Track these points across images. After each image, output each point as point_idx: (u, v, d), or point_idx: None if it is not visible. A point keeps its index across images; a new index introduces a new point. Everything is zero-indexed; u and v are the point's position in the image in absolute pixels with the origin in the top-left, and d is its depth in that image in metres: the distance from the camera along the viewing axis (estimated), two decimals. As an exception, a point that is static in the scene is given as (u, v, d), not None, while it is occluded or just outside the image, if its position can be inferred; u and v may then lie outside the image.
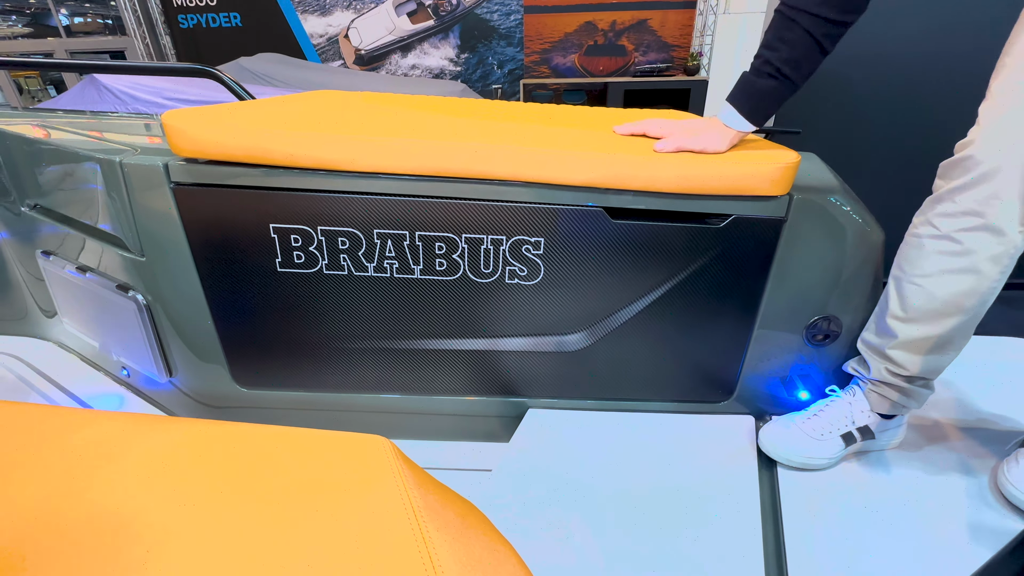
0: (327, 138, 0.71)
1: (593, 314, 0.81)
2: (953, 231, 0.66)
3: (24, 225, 1.03)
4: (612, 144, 0.73)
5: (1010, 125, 0.59)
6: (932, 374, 0.77)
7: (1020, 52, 0.61)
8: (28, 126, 0.89)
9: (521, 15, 7.75)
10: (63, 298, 1.05)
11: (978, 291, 0.67)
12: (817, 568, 0.63)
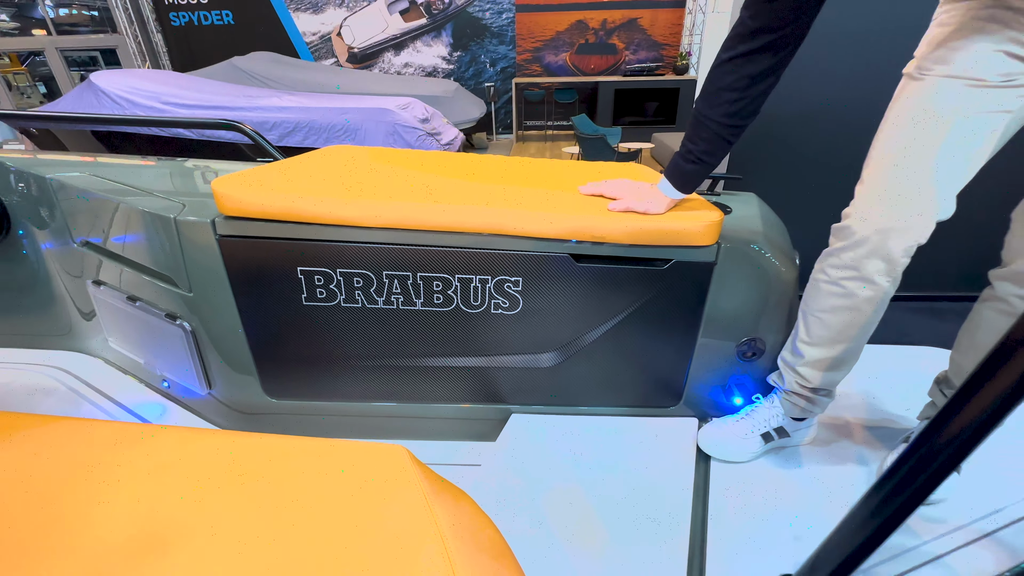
0: (344, 200, 0.86)
1: (563, 337, 0.98)
2: (839, 279, 0.83)
3: (75, 258, 1.18)
4: (576, 203, 0.89)
5: (873, 207, 0.76)
6: (831, 386, 0.94)
7: (880, 146, 0.77)
8: (86, 176, 1.03)
9: (513, 13, 7.81)
10: (110, 321, 1.20)
11: (859, 324, 0.84)
12: (732, 537, 0.81)
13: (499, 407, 1.03)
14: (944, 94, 0.67)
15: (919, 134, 0.70)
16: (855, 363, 0.86)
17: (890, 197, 0.73)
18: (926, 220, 0.71)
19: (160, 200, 0.92)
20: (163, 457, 0.51)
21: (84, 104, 4.67)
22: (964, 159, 0.69)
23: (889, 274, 0.76)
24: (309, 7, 7.97)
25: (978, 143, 0.67)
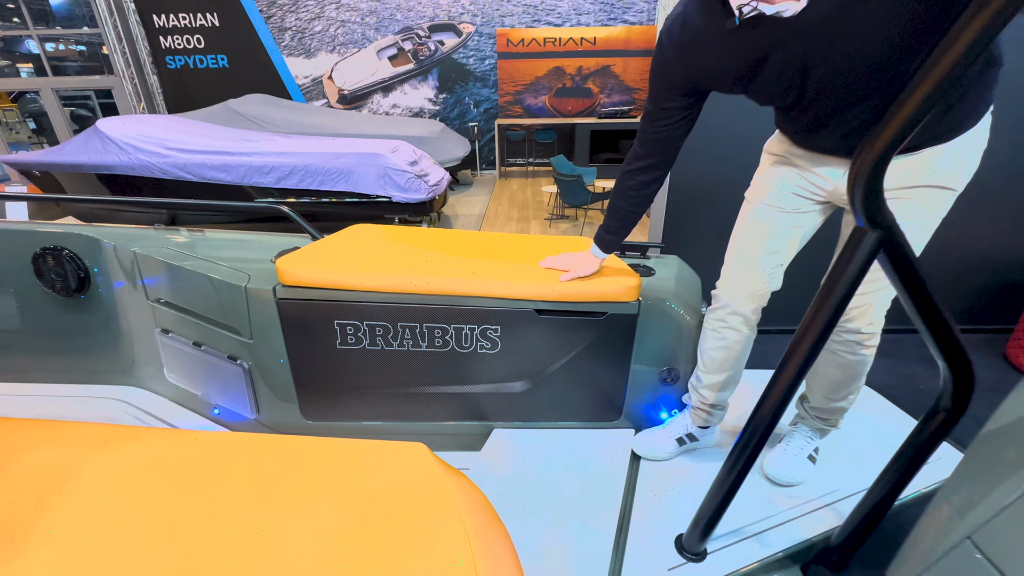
0: (368, 273, 1.19)
1: (531, 369, 1.30)
2: (716, 328, 1.18)
3: (148, 312, 1.46)
4: (537, 273, 1.23)
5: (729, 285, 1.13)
6: (722, 402, 1.26)
7: (731, 245, 1.13)
8: (168, 249, 1.33)
9: (495, 60, 8.38)
10: (173, 361, 1.48)
11: (733, 358, 1.18)
12: (650, 511, 1.11)
13: (483, 423, 1.34)
14: (761, 215, 1.03)
15: (749, 240, 1.06)
16: (736, 385, 1.20)
17: (738, 279, 1.09)
18: (762, 292, 1.07)
19: (230, 270, 1.23)
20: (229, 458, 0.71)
21: (90, 149, 4.92)
22: (777, 254, 1.05)
23: (747, 325, 1.11)
24: (302, 52, 8.41)
25: (784, 245, 1.04)
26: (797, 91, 0.82)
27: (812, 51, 0.75)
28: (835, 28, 0.71)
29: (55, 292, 1.44)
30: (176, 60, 8.47)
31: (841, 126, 0.85)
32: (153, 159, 4.84)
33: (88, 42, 8.86)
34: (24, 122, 9.82)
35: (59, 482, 0.67)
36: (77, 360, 1.55)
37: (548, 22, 8.14)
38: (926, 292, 0.70)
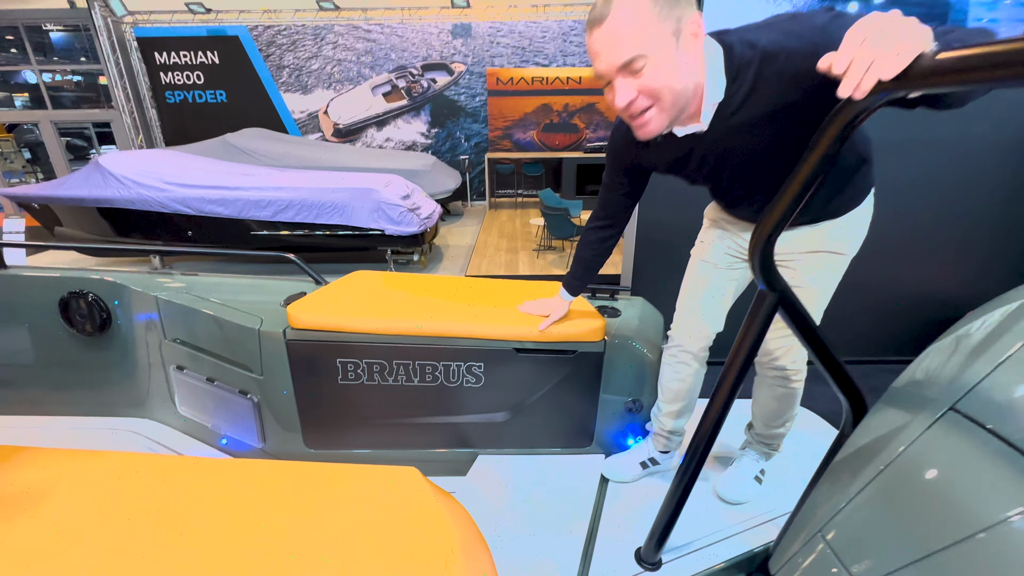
0: (367, 318, 1.35)
1: (511, 401, 1.45)
2: (671, 363, 1.35)
3: (165, 349, 1.60)
4: (516, 317, 1.40)
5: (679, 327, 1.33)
6: (679, 429, 1.42)
7: (680, 294, 1.32)
8: (188, 295, 1.48)
9: (486, 97, 8.77)
10: (185, 396, 1.61)
11: (687, 389, 1.35)
12: (616, 526, 1.25)
13: (469, 451, 1.48)
14: (701, 270, 1.23)
15: (693, 291, 1.26)
16: (691, 413, 1.36)
17: (686, 323, 1.29)
18: (706, 334, 1.26)
19: (244, 314, 1.39)
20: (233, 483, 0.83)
21: (91, 184, 5.07)
22: (717, 303, 1.25)
23: (696, 360, 1.29)
24: (299, 89, 8.72)
25: (721, 295, 1.24)
26: (715, 179, 1.03)
27: (720, 153, 0.95)
28: (732, 140, 0.91)
29: (78, 331, 1.58)
30: (175, 95, 8.71)
31: (753, 204, 1.06)
32: (153, 193, 5.00)
33: (85, 72, 9.09)
34: (19, 152, 9.94)
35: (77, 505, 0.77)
36: (93, 394, 1.68)
37: (536, 62, 8.55)
38: (818, 338, 0.88)
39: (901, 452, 0.59)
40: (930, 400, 0.60)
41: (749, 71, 0.83)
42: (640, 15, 0.77)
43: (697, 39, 0.81)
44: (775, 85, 0.82)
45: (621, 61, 0.79)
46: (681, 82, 0.82)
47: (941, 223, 2.22)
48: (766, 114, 0.86)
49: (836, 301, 1.13)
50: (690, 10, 0.80)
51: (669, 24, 0.78)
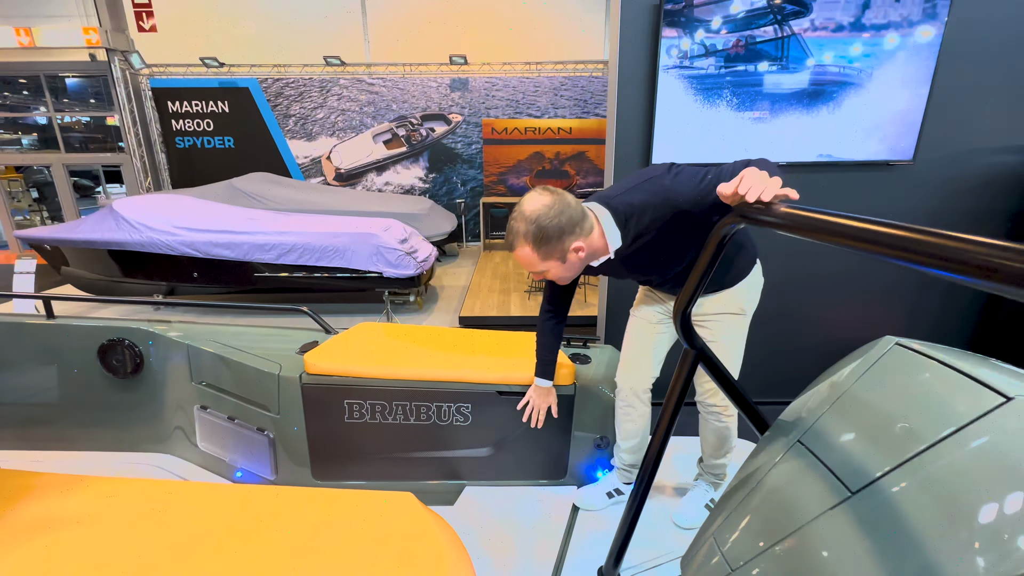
0: (372, 365, 1.57)
1: (494, 437, 1.65)
2: (621, 406, 1.54)
3: (191, 391, 1.80)
4: (500, 364, 1.63)
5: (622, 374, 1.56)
6: (637, 463, 1.62)
7: (624, 339, 1.56)
8: (214, 343, 1.70)
9: (481, 145, 9.26)
10: (206, 432, 1.80)
11: (638, 426, 1.56)
12: (583, 549, 1.43)
13: (457, 482, 1.67)
14: (637, 327, 1.49)
15: (631, 344, 1.51)
16: (645, 448, 1.58)
17: (628, 371, 1.53)
18: (646, 380, 1.50)
19: (265, 361, 1.61)
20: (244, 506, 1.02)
21: (104, 227, 5.33)
22: (652, 354, 1.49)
23: (641, 402, 1.52)
24: (303, 136, 9.17)
25: (654, 347, 1.49)
26: (634, 274, 1.37)
27: (625, 265, 1.29)
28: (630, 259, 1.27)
29: (114, 375, 1.78)
30: (185, 140, 9.12)
31: (655, 284, 1.42)
32: (163, 237, 5.25)
33: (95, 115, 9.51)
34: (27, 191, 10.24)
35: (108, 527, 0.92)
36: (119, 431, 1.86)
37: (529, 114, 9.10)
38: (730, 382, 1.12)
39: (767, 472, 0.82)
40: (789, 433, 0.83)
41: (633, 219, 1.21)
42: (530, 256, 1.18)
43: (580, 253, 1.20)
44: (650, 223, 1.21)
45: (531, 271, 1.22)
46: (569, 274, 1.25)
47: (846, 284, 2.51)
48: (647, 241, 1.23)
49: (764, 349, 1.38)
50: (572, 240, 1.17)
51: (553, 256, 1.18)
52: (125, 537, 0.92)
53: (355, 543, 0.92)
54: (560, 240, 1.14)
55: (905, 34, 2.14)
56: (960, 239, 0.52)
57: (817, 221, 0.71)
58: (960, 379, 0.67)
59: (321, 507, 1.04)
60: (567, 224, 1.13)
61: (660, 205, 1.18)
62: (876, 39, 2.15)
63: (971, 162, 2.35)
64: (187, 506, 1.00)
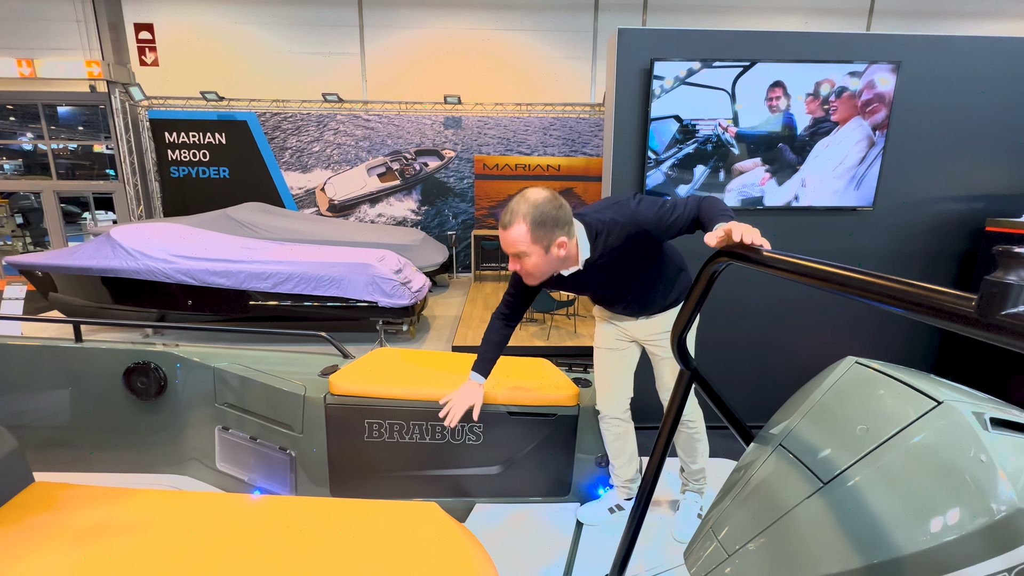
0: (392, 386, 1.69)
1: (504, 455, 1.77)
2: (605, 427, 1.66)
3: (214, 412, 1.88)
4: (510, 385, 1.76)
5: (599, 398, 1.66)
6: (633, 477, 1.75)
7: (594, 367, 1.72)
8: (240, 366, 1.79)
9: (473, 180, 9.59)
10: (227, 453, 1.87)
11: (625, 445, 1.70)
12: (588, 561, 1.53)
13: (468, 499, 1.77)
14: (601, 355, 1.66)
15: (600, 370, 1.67)
16: (637, 462, 1.71)
17: (602, 395, 1.68)
18: (620, 400, 1.65)
19: (291, 383, 1.72)
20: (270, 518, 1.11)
21: (101, 255, 5.36)
22: (621, 376, 1.65)
23: (622, 421, 1.66)
24: (299, 168, 9.36)
25: (620, 370, 1.65)
26: (592, 291, 1.54)
27: (589, 279, 1.45)
28: (596, 272, 1.43)
29: (138, 397, 1.86)
30: (180, 170, 9.22)
31: (614, 304, 1.58)
32: (160, 265, 5.30)
33: (86, 142, 9.58)
34: (12, 217, 10.15)
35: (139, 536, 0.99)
36: (138, 453, 1.92)
37: (519, 151, 9.47)
38: (721, 400, 1.27)
39: (755, 472, 0.97)
40: (773, 439, 0.99)
41: (603, 235, 1.39)
42: (522, 235, 1.30)
43: (563, 249, 1.34)
44: (616, 241, 1.39)
45: (512, 252, 1.34)
46: (545, 271, 1.37)
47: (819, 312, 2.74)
48: (612, 257, 1.41)
49: (745, 374, 1.54)
50: (561, 236, 1.31)
51: (541, 243, 1.31)
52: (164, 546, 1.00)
53: (388, 551, 1.02)
54: (552, 231, 1.30)
55: (863, 97, 2.44)
56: (900, 281, 0.69)
57: (791, 264, 0.89)
58: (904, 389, 0.84)
59: (351, 517, 1.13)
60: (561, 219, 1.30)
61: (627, 224, 1.37)
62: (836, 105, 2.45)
63: (923, 209, 2.63)
64: (218, 516, 1.08)
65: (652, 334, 1.60)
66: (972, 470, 0.70)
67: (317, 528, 1.06)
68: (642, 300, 1.56)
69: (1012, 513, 0.65)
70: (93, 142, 9.82)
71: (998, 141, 2.55)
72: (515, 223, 1.30)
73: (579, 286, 1.50)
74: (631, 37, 2.41)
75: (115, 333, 5.56)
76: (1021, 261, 0.49)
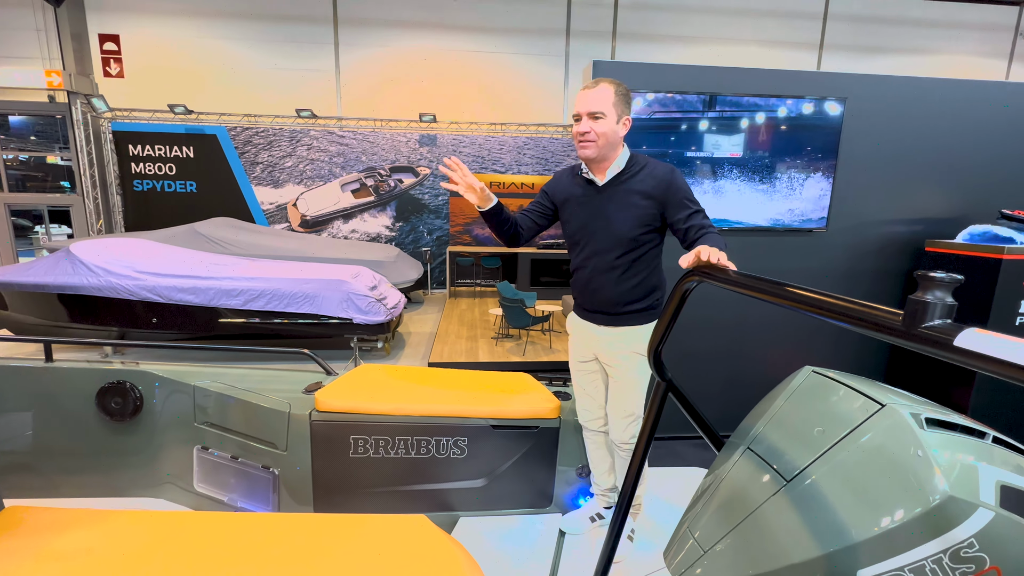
0: (377, 402, 1.71)
1: (488, 468, 1.81)
2: (587, 438, 1.81)
3: (192, 431, 1.85)
4: (493, 399, 1.81)
5: (578, 411, 1.73)
6: (612, 486, 1.83)
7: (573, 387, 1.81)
8: (221, 384, 1.78)
9: (448, 196, 9.67)
10: (206, 473, 1.83)
11: (604, 455, 1.78)
12: (572, 569, 1.58)
13: (453, 513, 1.80)
14: (575, 369, 1.72)
15: (578, 388, 1.73)
16: (614, 474, 1.78)
17: (581, 411, 1.74)
18: (598, 415, 1.72)
19: (273, 399, 1.72)
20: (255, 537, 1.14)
21: (59, 271, 5.14)
22: (593, 393, 1.71)
23: (600, 433, 1.73)
24: (270, 183, 9.23)
25: (592, 385, 1.71)
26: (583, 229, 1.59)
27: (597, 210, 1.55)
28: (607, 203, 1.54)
29: (112, 419, 1.82)
30: (144, 183, 8.95)
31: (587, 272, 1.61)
32: (124, 282, 5.12)
33: (33, 152, 9.19)
34: (-44, 230, 9.58)
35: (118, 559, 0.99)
36: (112, 475, 1.86)
37: (494, 169, 9.63)
38: (694, 408, 1.36)
39: (726, 474, 1.05)
40: (741, 443, 1.08)
41: (637, 166, 1.56)
42: (609, 97, 1.48)
43: (626, 126, 1.54)
44: (643, 180, 1.53)
45: (592, 110, 1.48)
46: (611, 138, 1.51)
47: (782, 326, 2.92)
48: (632, 193, 1.53)
49: (717, 387, 1.64)
50: (629, 113, 1.54)
51: (618, 110, 1.50)
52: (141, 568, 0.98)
53: (378, 565, 1.04)
54: (627, 105, 1.52)
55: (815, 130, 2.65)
56: (842, 299, 0.79)
57: (752, 283, 1.00)
58: (854, 394, 0.95)
59: (338, 532, 1.15)
60: (630, 103, 1.53)
61: (660, 174, 1.52)
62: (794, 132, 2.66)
63: (871, 231, 2.85)
64: (198, 535, 1.06)
65: (612, 355, 1.62)
66: (911, 464, 0.80)
67: (304, 544, 1.07)
68: (618, 290, 1.58)
69: (945, 501, 0.75)
70: (47, 153, 9.43)
71: (933, 170, 2.81)
72: (602, 84, 1.47)
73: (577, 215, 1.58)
74: (605, 69, 2.56)
75: (77, 352, 5.31)
76: (936, 283, 0.59)
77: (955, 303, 0.60)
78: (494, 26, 9.07)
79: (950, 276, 0.60)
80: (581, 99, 1.49)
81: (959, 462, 0.80)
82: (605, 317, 1.62)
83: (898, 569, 0.76)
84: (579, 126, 1.49)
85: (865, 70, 7.79)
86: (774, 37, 9.36)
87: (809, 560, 0.82)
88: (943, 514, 0.75)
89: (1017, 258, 2.46)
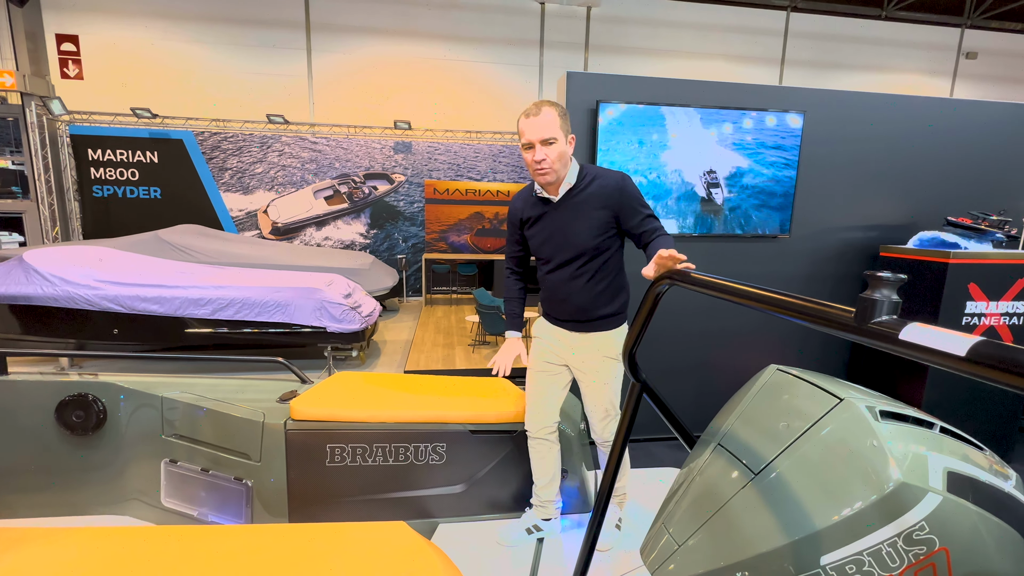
0: (354, 409, 1.70)
1: (466, 474, 1.81)
2: (532, 446, 1.69)
3: (159, 444, 1.78)
4: (472, 404, 1.82)
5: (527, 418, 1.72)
6: (553, 496, 1.72)
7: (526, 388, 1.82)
8: (192, 395, 1.72)
9: (423, 204, 9.62)
10: (174, 487, 1.77)
11: (548, 465, 1.67)
12: (550, 573, 1.60)
13: (432, 520, 1.79)
14: (533, 376, 1.73)
15: (531, 391, 1.74)
16: (557, 485, 1.79)
17: (532, 418, 1.74)
18: (549, 423, 1.73)
19: (246, 408, 1.69)
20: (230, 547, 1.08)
21: (12, 281, 4.89)
22: (549, 401, 1.73)
23: (548, 442, 1.73)
24: (240, 189, 9.01)
25: (550, 392, 1.72)
26: (547, 241, 1.64)
27: (556, 224, 1.60)
28: (564, 216, 1.59)
29: (73, 433, 1.74)
30: (104, 189, 8.60)
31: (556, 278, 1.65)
32: (82, 291, 4.90)
33: None
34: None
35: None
36: (73, 493, 1.78)
37: (469, 177, 9.65)
38: (667, 408, 1.40)
39: (698, 470, 1.09)
40: (712, 440, 1.12)
41: (588, 178, 1.60)
42: (555, 121, 1.52)
43: (572, 144, 1.58)
44: (596, 189, 1.59)
45: (544, 137, 1.51)
46: (564, 159, 1.56)
47: (750, 327, 3.03)
48: (586, 205, 1.58)
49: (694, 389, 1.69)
50: (571, 130, 1.57)
51: (564, 131, 1.54)
52: None
53: (359, 573, 1.03)
54: (569, 124, 1.57)
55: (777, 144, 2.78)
56: (799, 298, 0.84)
57: (719, 285, 1.04)
58: (815, 389, 1.00)
59: (316, 542, 1.13)
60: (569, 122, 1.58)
61: (611, 183, 1.57)
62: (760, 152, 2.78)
63: (830, 236, 3.00)
64: (169, 550, 1.03)
65: (583, 361, 1.66)
66: (867, 454, 0.85)
67: (280, 555, 1.05)
68: (587, 296, 1.62)
69: (898, 487, 0.81)
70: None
71: (886, 180, 2.98)
72: (545, 109, 1.51)
73: (550, 230, 1.63)
74: (579, 80, 2.62)
75: (32, 366, 5.05)
76: (883, 282, 0.64)
77: (900, 300, 0.65)
78: (469, 36, 9.14)
79: (895, 276, 0.65)
80: (530, 127, 1.50)
81: (911, 451, 0.85)
82: (576, 324, 1.66)
83: (857, 554, 0.80)
84: (534, 154, 1.52)
85: (823, 85, 8.20)
86: (739, 52, 9.73)
87: (776, 549, 0.86)
88: (896, 499, 0.80)
89: (962, 262, 2.63)
